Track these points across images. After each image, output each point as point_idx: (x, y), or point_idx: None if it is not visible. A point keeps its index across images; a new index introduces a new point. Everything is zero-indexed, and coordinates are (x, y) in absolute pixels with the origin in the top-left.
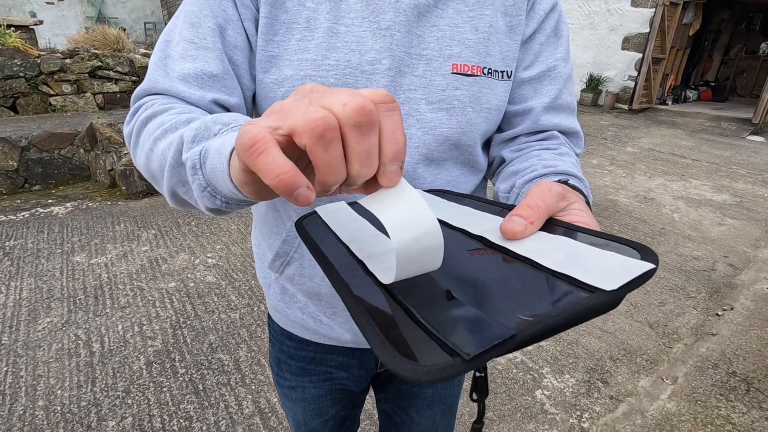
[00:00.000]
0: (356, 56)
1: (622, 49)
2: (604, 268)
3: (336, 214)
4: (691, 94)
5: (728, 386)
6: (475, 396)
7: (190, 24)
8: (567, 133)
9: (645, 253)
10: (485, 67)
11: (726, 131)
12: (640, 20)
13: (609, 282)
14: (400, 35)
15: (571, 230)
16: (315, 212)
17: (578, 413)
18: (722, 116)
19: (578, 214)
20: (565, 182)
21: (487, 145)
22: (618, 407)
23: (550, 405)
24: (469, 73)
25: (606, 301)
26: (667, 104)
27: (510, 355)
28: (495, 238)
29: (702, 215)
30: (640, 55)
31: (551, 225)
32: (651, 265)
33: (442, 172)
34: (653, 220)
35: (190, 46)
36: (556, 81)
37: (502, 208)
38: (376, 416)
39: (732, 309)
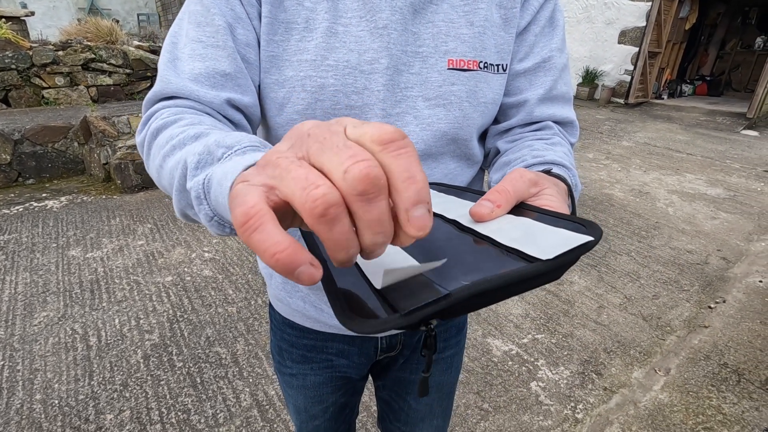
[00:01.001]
0: (355, 56)
1: (619, 43)
2: (548, 242)
3: None
4: (686, 88)
5: (719, 377)
6: (424, 352)
7: (196, 24)
8: (562, 123)
9: (591, 228)
10: (481, 61)
11: (721, 125)
12: (636, 14)
13: (547, 253)
14: (396, 33)
15: (533, 212)
16: None
17: (572, 404)
18: (717, 111)
19: (548, 199)
20: (548, 171)
21: (483, 137)
22: (611, 398)
23: (545, 396)
24: (465, 68)
25: (541, 269)
26: (663, 98)
27: (505, 348)
28: (466, 221)
29: (696, 209)
30: (637, 49)
31: (519, 209)
32: (588, 238)
33: (438, 165)
34: (648, 214)
35: (199, 46)
36: (550, 72)
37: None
38: (373, 408)
39: (724, 302)
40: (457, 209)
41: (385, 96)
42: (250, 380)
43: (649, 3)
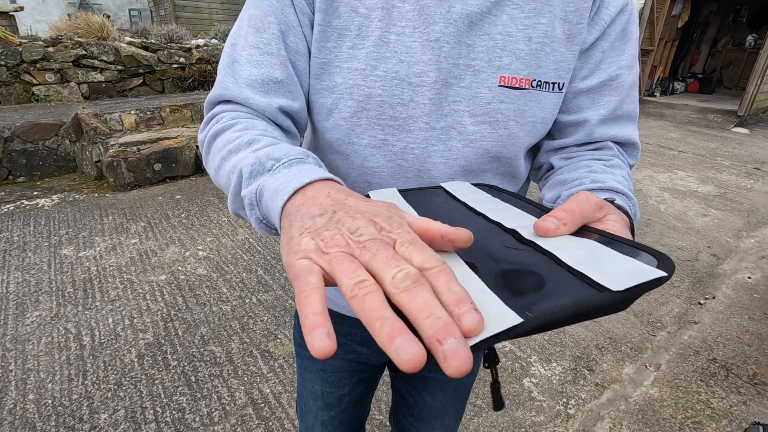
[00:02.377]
0: (404, 67)
1: None
2: (618, 271)
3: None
4: (678, 86)
5: (708, 372)
6: (486, 365)
7: (255, 29)
8: (622, 144)
9: (662, 261)
10: (534, 80)
11: (712, 123)
12: None
13: (618, 283)
14: (449, 47)
15: (599, 235)
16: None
17: (564, 400)
18: (709, 108)
19: (612, 225)
20: (612, 201)
21: (532, 151)
22: (603, 394)
23: (538, 392)
24: (517, 86)
25: (610, 300)
26: (656, 96)
27: (498, 345)
28: (526, 233)
29: (687, 206)
30: None
31: (583, 230)
32: (662, 273)
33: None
34: (640, 211)
35: (256, 51)
36: (617, 92)
37: (541, 210)
38: (380, 406)
39: (714, 298)
40: (514, 219)
41: (431, 110)
42: (245, 379)
43: (642, 1)
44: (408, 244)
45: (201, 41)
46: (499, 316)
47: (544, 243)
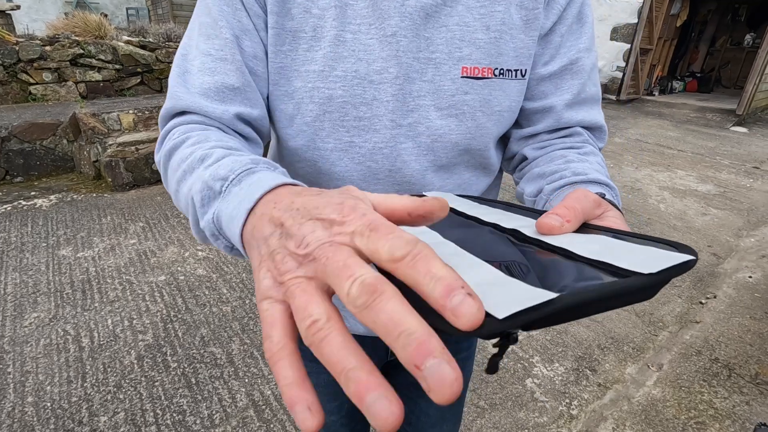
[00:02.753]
0: (363, 65)
1: (611, 39)
2: (641, 258)
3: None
4: (677, 84)
5: (711, 372)
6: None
7: (206, 36)
8: (590, 128)
9: (681, 249)
10: (496, 68)
11: (711, 122)
12: (628, 11)
13: (647, 267)
14: (406, 41)
15: (605, 231)
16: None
17: (567, 401)
18: (707, 107)
19: (613, 221)
20: (602, 196)
21: (502, 141)
22: (606, 394)
23: (540, 393)
24: (479, 75)
25: (645, 283)
26: (654, 95)
27: None
28: (528, 232)
29: (687, 205)
30: (628, 45)
31: (586, 227)
32: (689, 256)
33: (452, 176)
34: (640, 210)
35: (208, 59)
36: (578, 75)
37: (533, 212)
38: None
39: (715, 297)
40: (510, 221)
41: (395, 107)
42: (246, 380)
43: (641, 0)
44: (368, 233)
45: None
46: (529, 292)
47: (550, 240)
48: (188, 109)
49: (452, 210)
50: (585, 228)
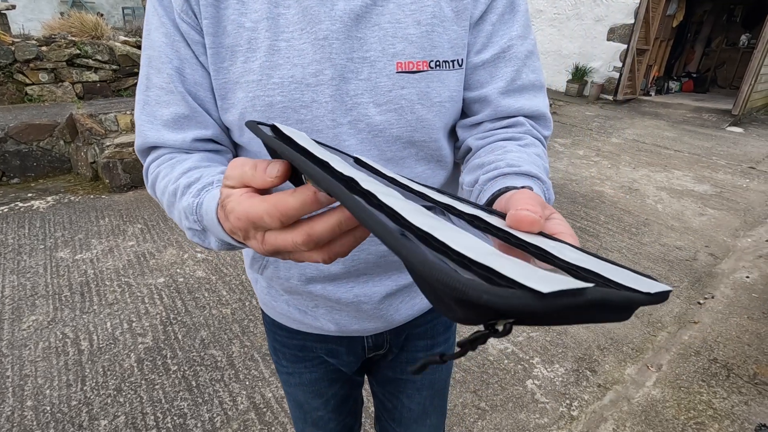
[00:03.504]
0: (299, 70)
1: (608, 39)
2: (627, 277)
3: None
4: (673, 85)
5: (710, 372)
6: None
7: (156, 69)
8: (533, 117)
9: (655, 280)
10: (431, 61)
11: (707, 122)
12: (625, 11)
13: (641, 287)
14: (338, 43)
15: (566, 244)
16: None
17: (568, 402)
18: (703, 107)
19: (557, 225)
20: (530, 189)
21: (453, 134)
22: (606, 395)
23: (541, 394)
24: (415, 69)
25: (644, 301)
26: (651, 95)
27: (501, 346)
28: (491, 221)
29: (684, 205)
30: (625, 46)
31: (542, 235)
32: (668, 287)
33: (403, 170)
34: (638, 210)
35: (161, 92)
36: (511, 62)
37: (475, 205)
38: (371, 409)
39: (713, 297)
40: (466, 208)
41: (334, 107)
42: (247, 383)
43: (638, 0)
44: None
45: None
46: (558, 277)
47: (520, 235)
48: (155, 144)
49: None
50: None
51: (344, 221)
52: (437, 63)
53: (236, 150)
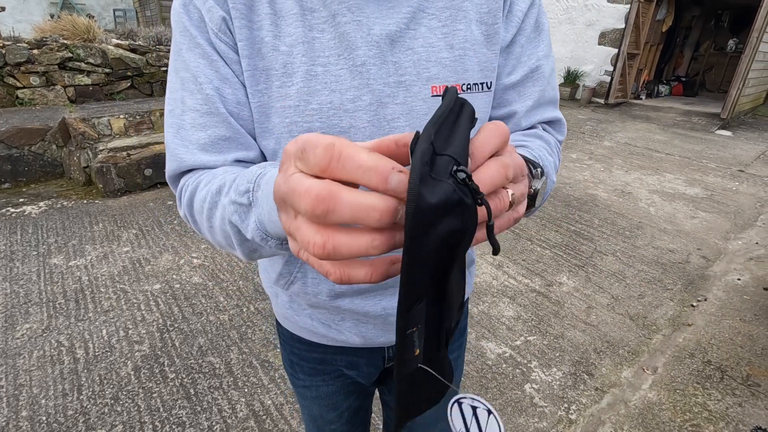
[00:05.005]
0: (337, 96)
1: (599, 44)
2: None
3: None
4: (663, 88)
5: (704, 374)
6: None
7: (189, 92)
8: (549, 123)
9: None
10: (464, 84)
11: (696, 126)
12: (615, 16)
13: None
14: (375, 68)
15: None
16: None
17: (566, 405)
18: (693, 111)
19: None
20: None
21: None
22: (603, 398)
23: (539, 398)
24: None
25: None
26: (641, 99)
27: (499, 350)
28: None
29: (676, 208)
30: (616, 50)
31: None
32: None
33: None
34: (631, 213)
35: (197, 115)
36: (539, 82)
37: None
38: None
39: (706, 300)
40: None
41: (371, 132)
42: (246, 390)
43: (628, 5)
44: (302, 156)
45: None
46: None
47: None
48: (192, 167)
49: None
50: None
51: (378, 245)
52: (468, 86)
53: None
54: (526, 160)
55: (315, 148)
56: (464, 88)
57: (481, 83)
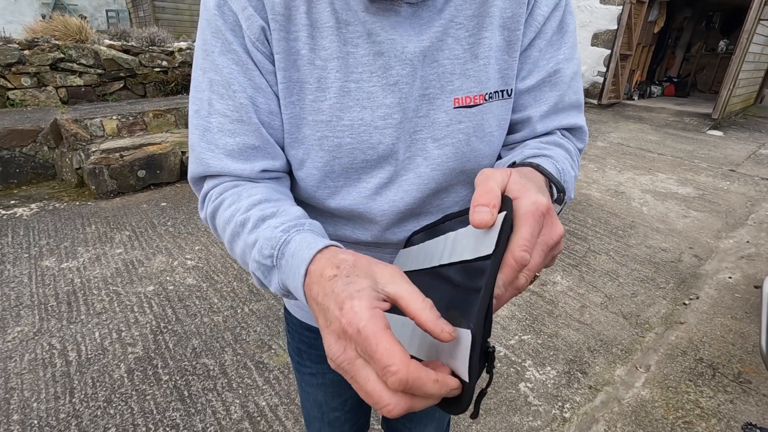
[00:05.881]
0: (368, 113)
1: (592, 45)
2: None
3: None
4: (655, 89)
5: (696, 372)
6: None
7: (219, 95)
8: (569, 129)
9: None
10: (486, 93)
11: (688, 126)
12: (608, 17)
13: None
14: (408, 87)
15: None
16: None
17: (560, 404)
18: (685, 111)
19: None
20: (530, 164)
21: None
22: (596, 396)
23: (534, 397)
24: (472, 104)
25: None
26: (634, 99)
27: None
28: (469, 253)
29: (668, 208)
30: (609, 51)
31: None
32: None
33: (449, 195)
34: (624, 213)
35: (226, 120)
36: (557, 87)
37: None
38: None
39: (698, 298)
40: (462, 243)
41: (399, 147)
42: (240, 391)
43: (620, 7)
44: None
45: (183, 44)
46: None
47: (470, 256)
48: (218, 173)
49: (409, 272)
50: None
51: (442, 385)
52: (490, 95)
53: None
54: (551, 180)
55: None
56: (487, 97)
57: (502, 90)
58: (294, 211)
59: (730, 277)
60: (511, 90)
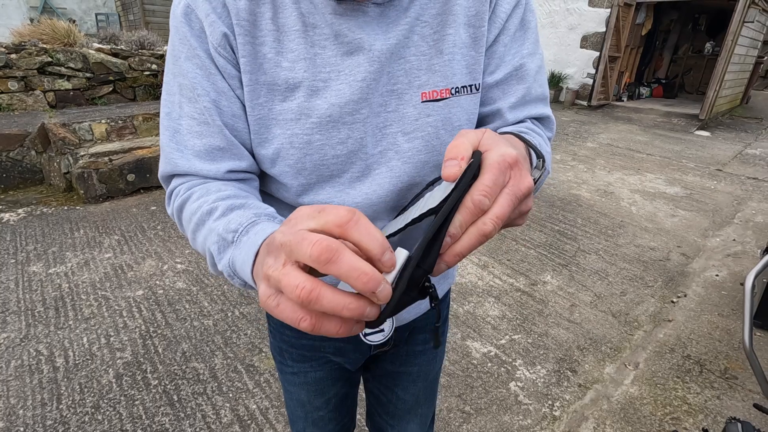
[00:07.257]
0: (336, 110)
1: (581, 47)
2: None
3: None
4: (644, 90)
5: (684, 369)
6: (433, 304)
7: (188, 99)
8: (537, 119)
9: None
10: (452, 88)
11: (676, 126)
12: (597, 20)
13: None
14: (375, 82)
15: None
16: None
17: (550, 402)
18: (672, 112)
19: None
20: (509, 132)
21: None
22: (586, 394)
23: (524, 396)
24: (438, 98)
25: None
26: (623, 101)
27: (484, 350)
28: (435, 202)
29: (657, 207)
30: (598, 53)
31: None
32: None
33: (419, 188)
34: (613, 213)
35: (194, 122)
36: (524, 80)
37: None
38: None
39: (685, 296)
40: (422, 206)
41: (367, 141)
42: (230, 395)
43: (608, 9)
44: (316, 215)
45: None
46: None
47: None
48: (186, 172)
49: (390, 235)
50: None
51: (352, 308)
52: (457, 89)
53: (263, 179)
54: (531, 146)
55: (336, 209)
56: (453, 92)
57: (469, 85)
58: (265, 206)
59: (717, 275)
60: (479, 84)
